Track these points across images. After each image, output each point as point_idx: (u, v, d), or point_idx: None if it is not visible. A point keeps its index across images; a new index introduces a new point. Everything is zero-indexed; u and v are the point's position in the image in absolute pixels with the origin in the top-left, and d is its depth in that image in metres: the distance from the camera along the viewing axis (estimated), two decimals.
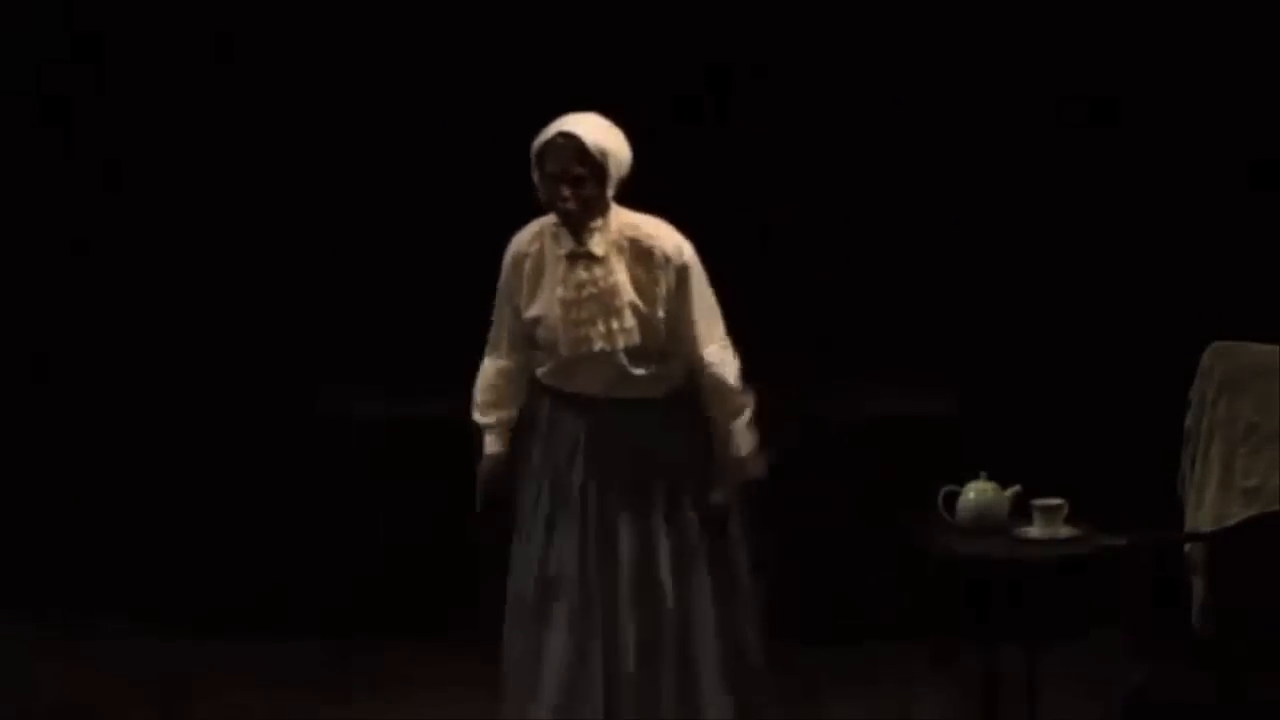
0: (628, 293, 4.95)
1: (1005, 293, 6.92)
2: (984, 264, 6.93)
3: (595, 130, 4.91)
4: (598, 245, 4.95)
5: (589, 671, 4.98)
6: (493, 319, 5.20)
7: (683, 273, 4.98)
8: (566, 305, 4.98)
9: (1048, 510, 5.55)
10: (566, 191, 4.88)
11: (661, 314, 4.99)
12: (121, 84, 7.07)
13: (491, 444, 5.20)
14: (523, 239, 5.10)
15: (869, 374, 7.00)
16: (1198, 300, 6.61)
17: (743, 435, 5.09)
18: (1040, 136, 6.91)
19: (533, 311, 5.04)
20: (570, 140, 4.87)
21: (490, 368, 5.19)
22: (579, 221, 4.93)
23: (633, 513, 5.04)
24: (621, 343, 4.97)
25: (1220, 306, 6.44)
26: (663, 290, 4.98)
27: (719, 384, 5.05)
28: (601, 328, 4.96)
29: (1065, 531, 5.52)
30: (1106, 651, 6.04)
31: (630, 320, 4.96)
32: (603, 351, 4.97)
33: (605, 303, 4.96)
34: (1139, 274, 6.83)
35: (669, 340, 5.03)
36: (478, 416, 5.20)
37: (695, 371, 5.06)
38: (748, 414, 5.07)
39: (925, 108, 6.96)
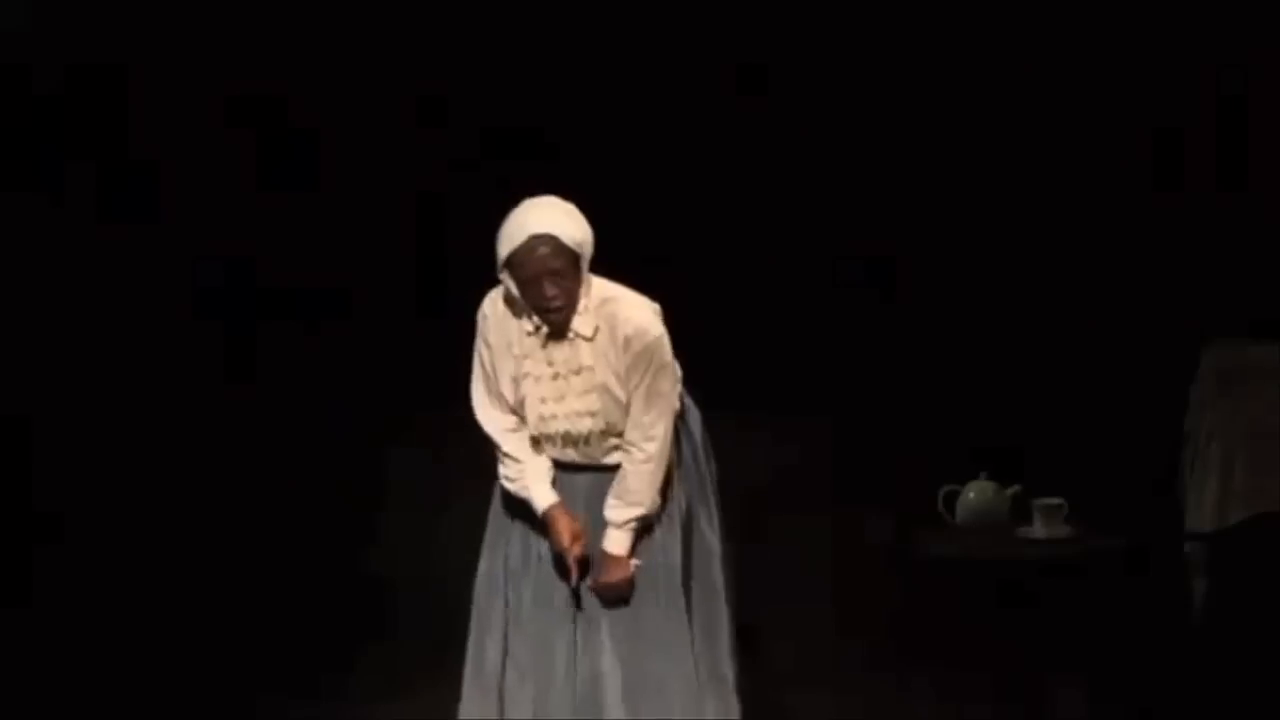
0: (598, 374, 4.75)
1: (1005, 293, 6.92)
2: (983, 264, 6.93)
3: (564, 222, 4.65)
4: (583, 327, 4.74)
5: None
6: (474, 363, 4.92)
7: (639, 356, 4.73)
8: (534, 381, 4.79)
9: (1048, 510, 5.57)
10: (551, 290, 4.62)
11: (629, 393, 4.77)
12: None
13: (543, 496, 4.84)
14: (494, 302, 4.84)
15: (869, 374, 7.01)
16: (1197, 300, 6.62)
17: (619, 532, 4.79)
18: (1037, 135, 6.92)
19: (501, 380, 4.84)
20: (545, 240, 4.60)
21: (497, 413, 4.89)
22: (567, 316, 4.71)
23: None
24: (588, 427, 4.79)
25: (1220, 306, 6.45)
26: (628, 369, 4.74)
27: (632, 475, 4.78)
28: (568, 409, 4.79)
29: (1065, 531, 5.54)
30: (1107, 651, 6.05)
31: (598, 404, 4.75)
32: (567, 436, 4.80)
33: (573, 385, 4.77)
34: (1138, 274, 6.83)
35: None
36: (514, 483, 4.84)
37: (622, 449, 4.82)
38: (636, 514, 4.79)
39: (921, 104, 6.97)
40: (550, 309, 4.68)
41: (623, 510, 4.81)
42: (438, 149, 6.90)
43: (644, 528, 4.84)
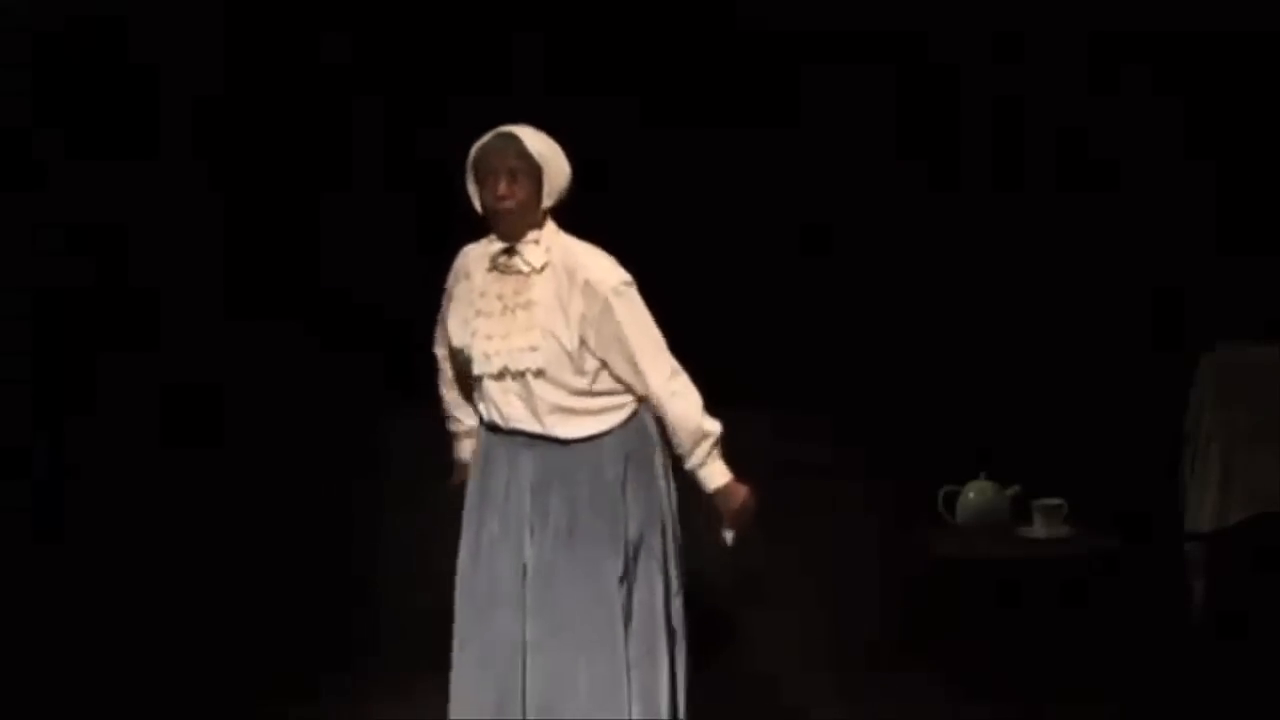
0: (544, 314, 4.72)
1: (1006, 294, 6.92)
2: (984, 264, 6.94)
3: (533, 135, 4.73)
4: (533, 256, 4.76)
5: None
6: (438, 318, 5.00)
7: (606, 304, 4.71)
8: (485, 318, 4.79)
9: (1048, 510, 5.57)
10: (503, 187, 4.68)
11: (577, 342, 4.71)
12: None
13: (463, 451, 5.02)
14: (466, 253, 4.91)
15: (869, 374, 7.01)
16: (1196, 301, 6.62)
17: (705, 469, 4.79)
18: (1037, 135, 6.92)
19: (451, 320, 4.87)
20: (508, 139, 4.70)
21: (449, 368, 5.04)
22: (515, 223, 4.73)
23: (563, 565, 4.77)
24: (526, 364, 4.74)
25: (1218, 307, 6.45)
26: (585, 318, 4.71)
27: (667, 417, 4.78)
28: (511, 346, 4.76)
29: (1065, 531, 5.54)
30: (1106, 651, 6.06)
31: (540, 341, 4.71)
32: (505, 373, 4.77)
33: (519, 320, 4.75)
34: (1138, 274, 6.83)
35: (614, 374, 4.77)
36: (449, 425, 5.07)
37: (652, 407, 4.81)
38: (705, 446, 4.79)
39: (925, 105, 6.97)
40: (500, 209, 4.71)
41: (692, 451, 4.79)
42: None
43: (719, 446, 4.80)
